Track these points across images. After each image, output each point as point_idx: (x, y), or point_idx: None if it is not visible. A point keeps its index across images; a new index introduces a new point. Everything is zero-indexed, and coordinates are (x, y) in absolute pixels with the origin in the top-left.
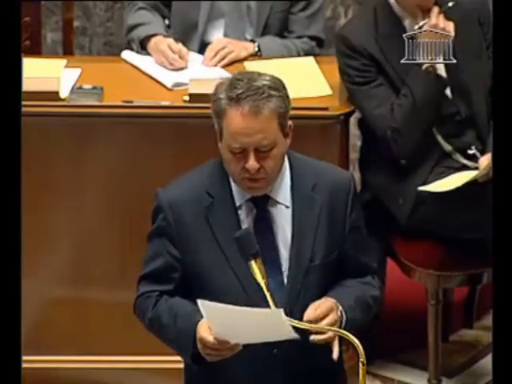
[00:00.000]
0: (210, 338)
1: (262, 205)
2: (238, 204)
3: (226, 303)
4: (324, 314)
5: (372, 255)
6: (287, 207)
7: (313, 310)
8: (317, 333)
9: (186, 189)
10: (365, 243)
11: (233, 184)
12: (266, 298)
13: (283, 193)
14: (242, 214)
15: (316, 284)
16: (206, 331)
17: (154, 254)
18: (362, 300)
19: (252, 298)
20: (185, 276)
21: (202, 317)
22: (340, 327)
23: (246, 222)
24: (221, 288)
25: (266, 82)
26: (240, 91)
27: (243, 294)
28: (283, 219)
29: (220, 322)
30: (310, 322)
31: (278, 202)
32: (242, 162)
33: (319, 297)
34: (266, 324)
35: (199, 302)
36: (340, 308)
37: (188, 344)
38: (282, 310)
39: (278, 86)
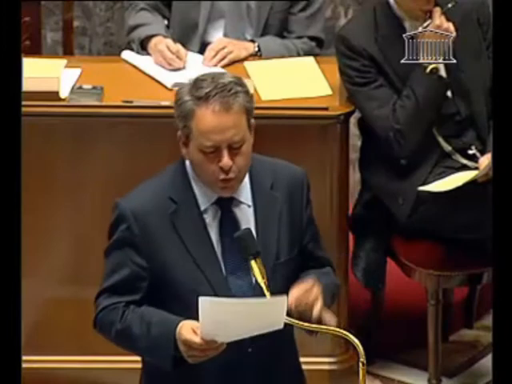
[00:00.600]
0: (197, 339)
1: (227, 206)
2: (202, 208)
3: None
4: (307, 289)
5: (324, 247)
6: (249, 206)
7: (296, 290)
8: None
9: (148, 196)
10: (319, 235)
11: (196, 188)
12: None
13: (245, 192)
14: (207, 217)
15: (283, 281)
16: (190, 333)
17: (116, 266)
18: (329, 288)
19: None
20: (153, 285)
21: (177, 321)
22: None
23: (212, 226)
24: (194, 295)
25: (231, 79)
26: (208, 89)
27: None
28: (247, 219)
29: (215, 320)
30: (298, 300)
31: (241, 202)
32: (215, 162)
33: (282, 290)
34: (264, 315)
35: (201, 299)
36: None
37: (167, 348)
38: (285, 298)
39: (241, 82)
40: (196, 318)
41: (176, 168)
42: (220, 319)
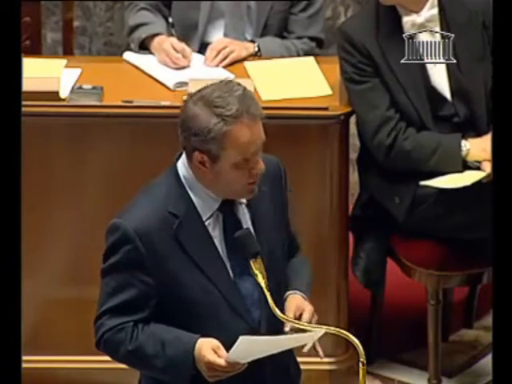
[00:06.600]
0: (222, 362)
1: (229, 210)
2: (204, 218)
3: (212, 320)
4: (300, 313)
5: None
6: (245, 205)
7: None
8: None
9: (149, 213)
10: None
11: (194, 199)
12: (254, 306)
13: None
14: (210, 225)
15: (281, 273)
16: (212, 354)
17: (120, 287)
18: (310, 285)
19: (237, 309)
20: (162, 301)
21: (193, 340)
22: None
23: (216, 232)
24: (206, 306)
25: (241, 88)
26: (235, 107)
27: (227, 308)
28: (245, 218)
29: (247, 352)
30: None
31: (240, 202)
32: (247, 171)
33: (279, 283)
34: (296, 343)
35: (241, 338)
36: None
37: (186, 368)
38: (319, 332)
39: (244, 86)
40: (208, 329)
41: (170, 180)
42: (252, 351)
